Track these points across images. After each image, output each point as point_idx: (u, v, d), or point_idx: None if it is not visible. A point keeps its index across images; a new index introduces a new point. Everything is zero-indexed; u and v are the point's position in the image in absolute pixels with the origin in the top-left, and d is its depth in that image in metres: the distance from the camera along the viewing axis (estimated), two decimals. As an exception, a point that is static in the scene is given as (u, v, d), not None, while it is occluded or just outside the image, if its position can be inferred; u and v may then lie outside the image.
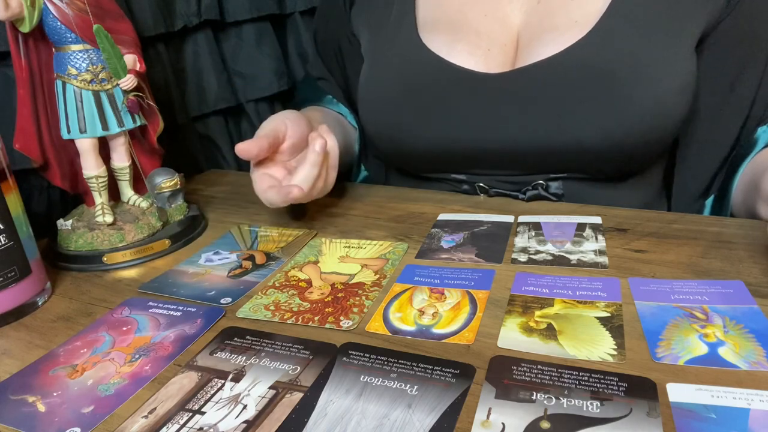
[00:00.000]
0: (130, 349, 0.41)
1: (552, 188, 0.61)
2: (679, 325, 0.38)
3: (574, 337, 0.38)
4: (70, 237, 0.55)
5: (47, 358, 0.41)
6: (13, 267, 0.45)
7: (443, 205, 0.62)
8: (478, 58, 0.60)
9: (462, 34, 0.61)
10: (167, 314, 0.45)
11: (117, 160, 0.58)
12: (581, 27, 0.56)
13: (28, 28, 0.49)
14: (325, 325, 0.42)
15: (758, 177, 0.54)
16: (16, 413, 0.35)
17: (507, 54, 0.61)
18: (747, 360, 0.34)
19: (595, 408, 0.32)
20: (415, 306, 0.43)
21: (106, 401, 0.36)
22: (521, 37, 0.61)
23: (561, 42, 0.56)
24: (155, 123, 0.60)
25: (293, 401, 0.34)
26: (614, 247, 0.50)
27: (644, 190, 0.64)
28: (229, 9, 0.81)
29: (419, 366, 0.36)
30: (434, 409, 0.32)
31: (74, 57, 0.52)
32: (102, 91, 0.54)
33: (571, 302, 0.42)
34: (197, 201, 0.68)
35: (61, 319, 0.46)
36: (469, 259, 0.50)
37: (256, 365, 0.38)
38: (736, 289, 0.42)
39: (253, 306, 0.45)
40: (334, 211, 0.64)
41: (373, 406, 0.33)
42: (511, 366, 0.35)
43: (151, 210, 0.59)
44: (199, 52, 0.80)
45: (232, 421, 0.33)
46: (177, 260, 0.55)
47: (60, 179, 0.57)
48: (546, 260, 0.49)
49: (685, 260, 0.47)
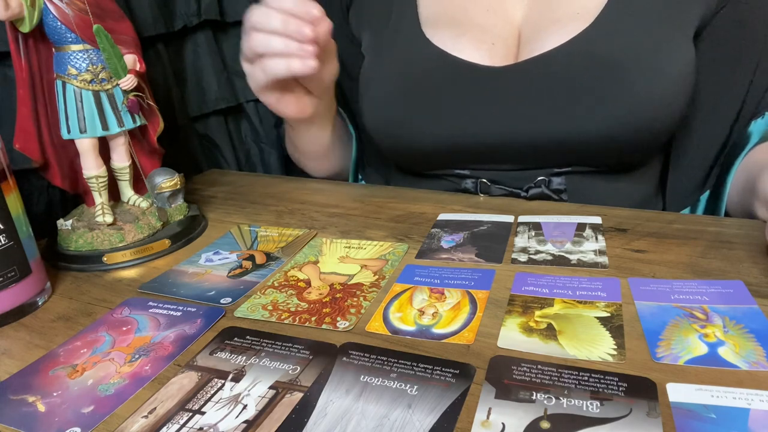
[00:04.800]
0: (130, 349, 0.41)
1: (554, 184, 0.61)
2: (679, 325, 0.38)
3: (574, 337, 0.38)
4: (70, 237, 0.55)
5: (47, 358, 0.41)
6: (13, 267, 0.45)
7: (443, 205, 0.62)
8: (482, 52, 0.60)
9: (465, 28, 0.62)
10: (167, 314, 0.45)
11: (117, 160, 0.58)
12: (583, 19, 0.57)
13: (28, 28, 0.49)
14: (321, 325, 0.42)
15: (755, 177, 0.54)
16: (16, 413, 0.35)
17: (510, 48, 0.61)
18: (747, 360, 0.34)
19: (595, 408, 0.32)
20: (415, 306, 0.43)
21: (106, 401, 0.36)
22: (523, 31, 0.61)
23: (563, 34, 0.57)
24: (155, 123, 0.60)
25: (293, 401, 0.34)
26: (614, 247, 0.50)
27: (645, 183, 0.64)
28: (229, 9, 0.81)
29: (419, 366, 0.36)
30: (434, 409, 0.32)
31: (74, 57, 0.52)
32: (102, 91, 0.54)
33: (571, 302, 0.42)
34: (197, 201, 0.68)
35: (61, 319, 0.46)
36: (469, 259, 0.50)
37: (256, 365, 0.38)
38: (736, 289, 0.42)
39: (251, 306, 0.45)
40: (334, 211, 0.64)
41: (373, 406, 0.33)
42: (511, 366, 0.35)
43: (151, 210, 0.59)
44: (199, 52, 0.80)
45: (232, 421, 0.33)
46: (177, 260, 0.55)
47: (60, 179, 0.57)
48: (546, 260, 0.49)
49: (685, 260, 0.47)
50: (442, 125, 0.61)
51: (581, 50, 0.56)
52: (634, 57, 0.55)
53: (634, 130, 0.56)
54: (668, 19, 0.56)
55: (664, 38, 0.55)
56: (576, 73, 0.56)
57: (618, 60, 0.55)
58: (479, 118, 0.60)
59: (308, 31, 0.51)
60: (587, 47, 0.56)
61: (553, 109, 0.57)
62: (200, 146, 0.85)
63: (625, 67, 0.54)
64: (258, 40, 0.54)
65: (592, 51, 0.55)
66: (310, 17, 0.51)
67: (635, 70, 0.54)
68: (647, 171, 0.64)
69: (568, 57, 0.56)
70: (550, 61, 0.57)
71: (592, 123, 0.56)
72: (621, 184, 0.62)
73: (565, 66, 0.56)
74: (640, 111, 0.55)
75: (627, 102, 0.55)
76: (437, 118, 0.61)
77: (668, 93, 0.55)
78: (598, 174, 0.61)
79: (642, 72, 0.54)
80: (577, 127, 0.56)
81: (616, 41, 0.55)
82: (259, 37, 0.54)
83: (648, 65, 0.54)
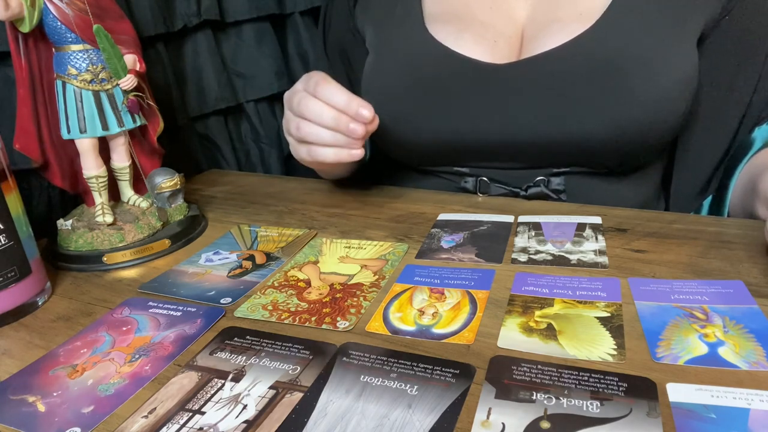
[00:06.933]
0: (130, 349, 0.41)
1: (553, 184, 0.61)
2: (679, 325, 0.38)
3: (574, 337, 0.38)
4: (70, 237, 0.55)
5: (47, 358, 0.41)
6: (13, 267, 0.45)
7: (443, 205, 0.62)
8: (485, 49, 0.60)
9: (468, 24, 0.62)
10: (167, 314, 0.45)
11: (117, 160, 0.58)
12: (586, 19, 0.57)
13: (28, 28, 0.49)
14: (321, 325, 0.42)
15: (756, 178, 0.54)
16: (16, 413, 0.35)
17: (512, 46, 0.61)
18: (747, 360, 0.34)
19: (595, 408, 0.32)
20: (415, 306, 0.43)
21: (106, 401, 0.36)
22: (526, 30, 0.61)
23: (566, 33, 0.57)
24: (155, 123, 0.60)
25: (293, 401, 0.34)
26: (614, 247, 0.50)
27: (645, 187, 0.64)
28: (229, 9, 0.81)
29: (419, 366, 0.36)
30: (434, 409, 0.32)
31: (74, 57, 0.52)
32: (102, 91, 0.54)
33: (571, 302, 0.42)
34: (197, 201, 0.69)
35: (61, 319, 0.46)
36: (469, 259, 0.50)
37: (256, 365, 0.38)
38: (736, 289, 0.42)
39: (251, 306, 0.45)
40: (334, 211, 0.64)
41: (373, 406, 0.33)
42: (511, 366, 0.35)
43: (151, 210, 0.59)
44: (199, 52, 0.80)
45: (232, 421, 0.33)
46: (177, 260, 0.55)
47: (60, 179, 0.57)
48: (546, 260, 0.49)
49: (685, 260, 0.47)
50: (443, 121, 0.61)
51: (583, 50, 0.56)
52: (636, 59, 0.54)
53: (634, 132, 0.55)
54: (672, 22, 0.56)
55: (666, 41, 0.55)
56: (577, 73, 0.56)
57: (619, 61, 0.55)
58: (480, 115, 0.60)
59: (361, 131, 0.52)
60: (589, 48, 0.56)
61: (554, 108, 0.57)
62: (200, 146, 0.85)
63: (626, 68, 0.54)
64: (309, 130, 0.54)
65: (593, 52, 0.55)
66: (363, 120, 0.52)
67: (637, 73, 0.54)
68: (647, 174, 0.63)
69: (569, 57, 0.56)
70: (551, 61, 0.57)
71: (592, 123, 0.56)
72: (620, 186, 0.62)
73: (566, 66, 0.56)
74: (641, 113, 0.55)
75: (628, 104, 0.55)
76: (438, 114, 0.61)
77: (670, 96, 0.55)
78: (597, 175, 0.61)
79: (643, 74, 0.54)
80: (576, 128, 0.56)
81: (619, 43, 0.55)
82: (310, 127, 0.54)
83: (650, 68, 0.54)
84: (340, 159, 0.54)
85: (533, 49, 0.59)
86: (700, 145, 0.62)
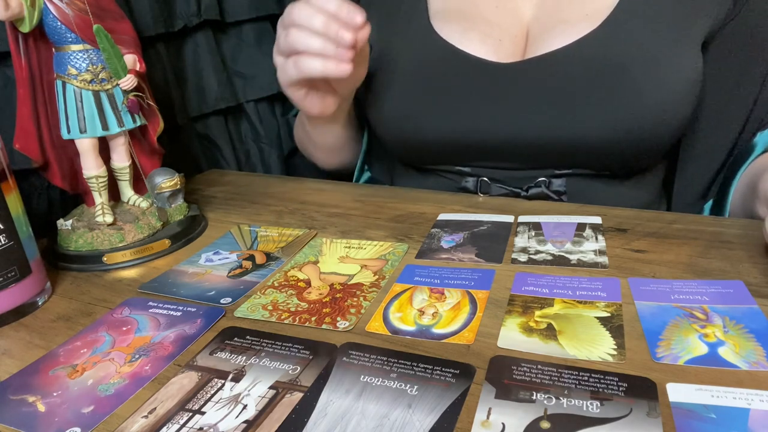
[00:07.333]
0: (130, 349, 0.41)
1: (555, 185, 0.61)
2: (679, 325, 0.38)
3: (574, 337, 0.38)
4: (70, 237, 0.55)
5: (47, 358, 0.41)
6: (13, 267, 0.45)
7: (443, 205, 0.62)
8: (489, 48, 0.60)
9: (474, 23, 0.62)
10: (167, 314, 0.45)
11: (117, 160, 0.58)
12: (592, 20, 0.57)
13: (28, 28, 0.49)
14: (321, 325, 0.42)
15: (756, 179, 0.54)
16: (16, 413, 0.35)
17: (517, 45, 0.61)
18: (747, 360, 0.34)
19: (595, 408, 0.32)
20: (415, 306, 0.43)
21: (106, 401, 0.36)
22: (531, 29, 0.61)
23: (571, 34, 0.57)
24: (155, 123, 0.60)
25: (293, 401, 0.34)
26: (614, 247, 0.50)
27: (645, 190, 0.64)
28: (229, 9, 0.81)
29: (419, 366, 0.36)
30: (434, 409, 0.32)
31: (74, 57, 0.52)
32: (102, 91, 0.54)
33: (571, 302, 0.42)
34: (197, 201, 0.69)
35: (61, 319, 0.46)
36: (469, 259, 0.50)
37: (256, 365, 0.38)
38: (736, 289, 0.42)
39: (251, 306, 0.45)
40: (334, 211, 0.64)
41: (373, 406, 0.33)
42: (511, 366, 0.35)
43: (151, 210, 0.59)
44: (199, 52, 0.80)
45: (232, 421, 0.33)
46: (177, 260, 0.55)
47: (60, 179, 0.57)
48: (546, 260, 0.49)
49: (685, 260, 0.47)
50: (446, 119, 0.61)
51: (588, 52, 0.56)
52: (641, 61, 0.54)
53: (637, 134, 0.55)
54: (677, 25, 0.56)
55: (671, 44, 0.55)
56: (581, 74, 0.56)
57: (624, 63, 0.55)
58: (482, 114, 0.60)
59: (349, 37, 0.51)
60: (594, 49, 0.56)
61: (557, 108, 0.57)
62: (200, 146, 0.85)
63: (630, 70, 0.54)
64: (297, 37, 0.53)
65: (598, 53, 0.55)
66: (353, 24, 0.51)
67: (641, 74, 0.54)
68: (649, 177, 0.63)
69: (574, 58, 0.56)
70: (555, 61, 0.57)
71: (595, 125, 0.56)
72: (622, 189, 0.62)
73: (570, 66, 0.56)
74: (644, 116, 0.55)
75: (632, 105, 0.54)
76: (441, 111, 0.61)
77: (673, 99, 0.55)
78: (598, 178, 0.61)
79: (647, 76, 0.54)
80: (579, 129, 0.56)
81: (623, 44, 0.55)
82: (298, 34, 0.53)
83: (654, 70, 0.54)
84: (327, 72, 0.53)
85: (538, 49, 0.59)
86: (702, 149, 0.62)
